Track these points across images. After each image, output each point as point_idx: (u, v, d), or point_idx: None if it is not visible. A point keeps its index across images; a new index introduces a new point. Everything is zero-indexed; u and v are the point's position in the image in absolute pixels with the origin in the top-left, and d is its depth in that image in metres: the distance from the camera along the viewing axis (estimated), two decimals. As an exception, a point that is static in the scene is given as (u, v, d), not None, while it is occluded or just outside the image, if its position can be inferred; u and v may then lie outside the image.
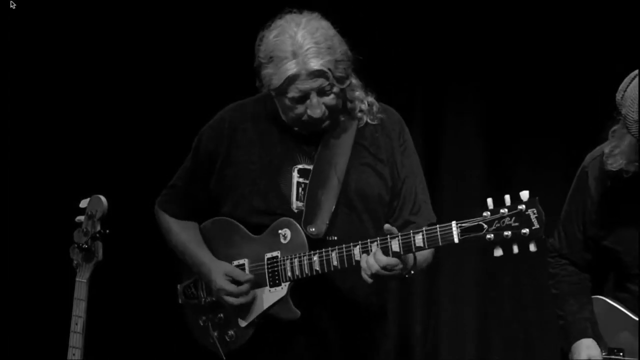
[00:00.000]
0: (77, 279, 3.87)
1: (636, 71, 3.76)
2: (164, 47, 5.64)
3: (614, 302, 4.01)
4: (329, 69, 3.69)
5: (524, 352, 5.75)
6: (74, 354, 3.83)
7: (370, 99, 3.92)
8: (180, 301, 4.08)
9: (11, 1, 5.26)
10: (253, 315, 3.89)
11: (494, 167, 5.80)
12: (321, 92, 3.73)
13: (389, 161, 3.90)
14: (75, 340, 3.84)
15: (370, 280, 3.65)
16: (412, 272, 3.69)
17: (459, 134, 5.84)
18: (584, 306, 4.02)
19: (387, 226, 3.65)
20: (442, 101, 5.86)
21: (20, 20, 5.38)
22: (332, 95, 3.75)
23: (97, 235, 3.89)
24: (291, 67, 3.68)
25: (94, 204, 3.92)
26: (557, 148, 5.69)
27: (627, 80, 3.76)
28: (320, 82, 3.71)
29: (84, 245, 3.88)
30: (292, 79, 3.69)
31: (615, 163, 3.85)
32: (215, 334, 3.96)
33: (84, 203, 3.94)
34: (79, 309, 3.84)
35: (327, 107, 3.76)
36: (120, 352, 5.51)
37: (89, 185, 4.16)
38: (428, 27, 5.75)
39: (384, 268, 3.61)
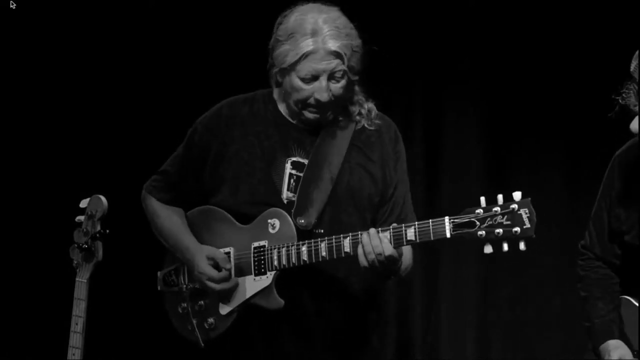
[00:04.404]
0: (77, 279, 3.88)
1: None
2: (164, 48, 5.64)
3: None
4: (345, 54, 3.75)
5: (524, 353, 5.75)
6: (74, 354, 3.83)
7: (370, 104, 3.95)
8: (159, 288, 4.06)
9: (11, 1, 5.26)
10: (235, 304, 3.87)
11: (494, 167, 5.80)
12: (332, 77, 3.77)
13: (382, 166, 3.92)
14: (75, 340, 3.84)
15: (366, 265, 3.64)
16: (394, 276, 3.73)
17: (459, 134, 5.84)
18: (611, 310, 3.98)
19: (394, 225, 3.67)
20: (442, 101, 5.86)
21: (20, 20, 5.38)
22: (341, 83, 3.79)
23: (97, 235, 3.89)
24: (309, 44, 3.73)
25: (94, 204, 3.92)
26: (557, 148, 5.70)
27: (637, 52, 3.76)
28: (335, 64, 3.75)
29: (84, 245, 3.88)
30: (307, 56, 3.74)
31: None
32: (195, 321, 3.94)
33: (84, 203, 3.94)
34: (79, 309, 3.84)
35: (334, 95, 3.79)
36: (120, 352, 5.51)
37: (89, 185, 4.16)
38: (428, 27, 5.75)
39: (387, 257, 3.62)
